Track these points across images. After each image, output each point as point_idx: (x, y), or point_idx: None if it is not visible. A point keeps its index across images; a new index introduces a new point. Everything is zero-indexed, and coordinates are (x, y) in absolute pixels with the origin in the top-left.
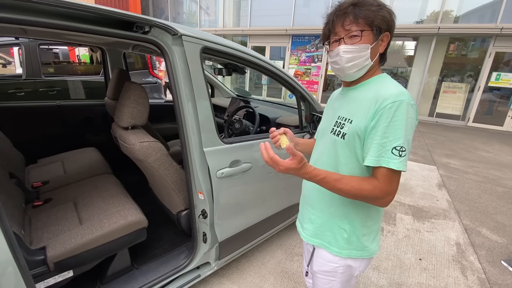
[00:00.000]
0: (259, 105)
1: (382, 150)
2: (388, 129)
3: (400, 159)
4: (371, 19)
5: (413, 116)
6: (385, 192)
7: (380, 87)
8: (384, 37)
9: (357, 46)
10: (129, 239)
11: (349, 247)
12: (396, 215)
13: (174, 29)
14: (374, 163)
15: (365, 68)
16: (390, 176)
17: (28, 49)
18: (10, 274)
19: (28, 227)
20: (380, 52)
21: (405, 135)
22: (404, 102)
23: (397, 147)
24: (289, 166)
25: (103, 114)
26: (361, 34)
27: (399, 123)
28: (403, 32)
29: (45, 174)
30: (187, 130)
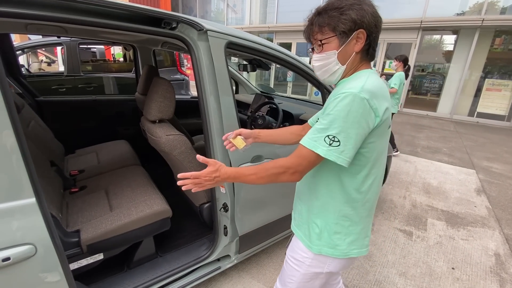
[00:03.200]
0: (283, 102)
1: (317, 134)
2: (327, 116)
3: (329, 148)
4: (333, 26)
5: (359, 110)
6: (288, 165)
7: (349, 82)
8: (358, 35)
9: (323, 54)
10: (154, 227)
11: (320, 243)
12: (427, 220)
13: (199, 24)
14: (306, 143)
15: (338, 72)
16: (303, 154)
17: (69, 48)
18: (47, 252)
19: (65, 211)
20: (356, 51)
21: (343, 126)
22: (350, 94)
23: (330, 135)
24: (209, 172)
25: (134, 109)
26: (326, 42)
27: (339, 113)
28: (441, 25)
29: (81, 163)
30: (211, 125)
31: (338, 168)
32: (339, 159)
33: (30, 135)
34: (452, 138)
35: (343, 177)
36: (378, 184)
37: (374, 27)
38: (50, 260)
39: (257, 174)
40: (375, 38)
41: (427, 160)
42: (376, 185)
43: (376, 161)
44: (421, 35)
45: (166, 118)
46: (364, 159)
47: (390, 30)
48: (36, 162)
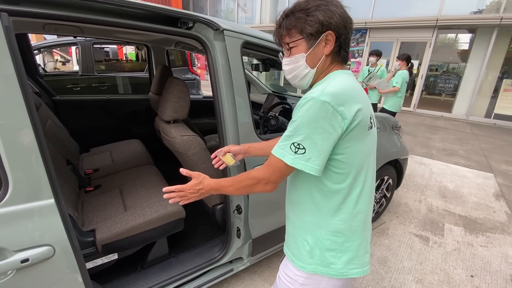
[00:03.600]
0: (295, 102)
1: (284, 142)
2: (292, 124)
3: (295, 156)
4: (299, 28)
5: (321, 115)
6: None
7: (315, 87)
8: (327, 37)
9: (292, 58)
10: (168, 228)
11: (313, 262)
12: (445, 225)
13: (216, 24)
14: (275, 152)
15: (308, 76)
16: (274, 164)
17: (84, 48)
18: (64, 253)
19: (80, 210)
20: (326, 54)
21: (307, 133)
22: (311, 99)
23: (295, 143)
24: (193, 185)
25: (147, 108)
26: (294, 45)
27: (302, 120)
28: (458, 23)
29: (95, 162)
30: (225, 125)
31: (319, 178)
32: (307, 167)
33: (48, 134)
34: (468, 140)
35: (327, 187)
36: (369, 193)
37: (343, 28)
38: (68, 261)
39: (234, 186)
40: (345, 40)
41: (443, 162)
42: (367, 194)
43: (361, 167)
44: (436, 34)
45: (180, 119)
46: (345, 166)
47: (403, 28)
48: (53, 161)
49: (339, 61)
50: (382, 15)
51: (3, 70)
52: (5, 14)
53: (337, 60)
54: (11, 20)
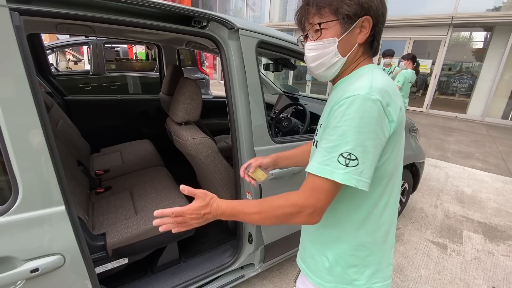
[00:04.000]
0: (308, 103)
1: (327, 156)
2: (335, 130)
3: (346, 170)
4: (335, 7)
5: (373, 115)
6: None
7: (352, 82)
8: (363, 24)
9: (320, 42)
10: (179, 233)
11: (333, 280)
12: (463, 232)
13: (231, 22)
14: (316, 170)
15: (336, 65)
16: (320, 185)
17: (95, 47)
18: (75, 262)
19: (91, 212)
20: (359, 42)
21: (358, 138)
22: (358, 97)
23: (344, 153)
24: (197, 208)
25: (157, 109)
26: (325, 26)
27: (349, 123)
28: (474, 21)
29: (106, 163)
30: (239, 128)
31: (346, 188)
32: (360, 182)
33: (59, 135)
34: (485, 142)
35: (354, 199)
36: (395, 201)
37: (381, 15)
38: (78, 270)
39: (262, 214)
40: (380, 30)
41: (459, 166)
42: (393, 203)
43: (393, 175)
44: (451, 32)
45: (192, 120)
46: (380, 175)
47: (416, 27)
48: (64, 163)
49: (369, 54)
50: (394, 13)
51: (13, 71)
52: (16, 13)
53: (368, 52)
54: (22, 19)
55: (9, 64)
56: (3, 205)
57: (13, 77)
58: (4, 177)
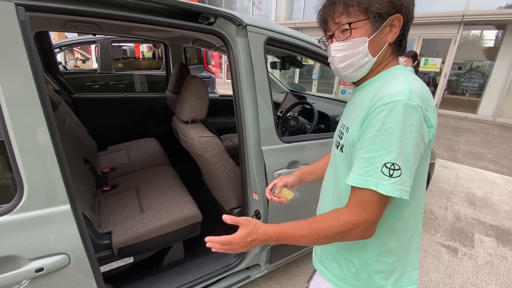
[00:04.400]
0: (315, 102)
1: (370, 166)
2: (376, 139)
3: (391, 181)
4: (365, 5)
5: (415, 123)
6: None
7: (384, 84)
8: (393, 22)
9: (349, 42)
10: (184, 232)
11: (359, 284)
12: (474, 235)
13: (239, 19)
14: (358, 183)
15: (366, 66)
16: (369, 199)
17: (102, 46)
18: (80, 261)
19: (97, 210)
20: (389, 41)
21: (400, 147)
22: (399, 104)
23: (387, 163)
24: (243, 236)
25: (163, 107)
26: (354, 26)
27: (391, 131)
28: (486, 19)
29: (112, 161)
30: (246, 127)
31: None
32: (404, 192)
33: (66, 133)
34: (496, 143)
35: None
36: (421, 205)
37: (411, 14)
38: (83, 270)
39: (312, 236)
40: (408, 28)
41: (470, 167)
42: (420, 207)
43: (422, 179)
44: (462, 30)
45: (199, 119)
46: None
47: (426, 25)
48: (71, 160)
49: (397, 54)
50: None
51: (18, 67)
52: (22, 8)
53: (396, 52)
54: (28, 15)
55: (14, 59)
56: (8, 204)
57: (19, 74)
58: (9, 176)
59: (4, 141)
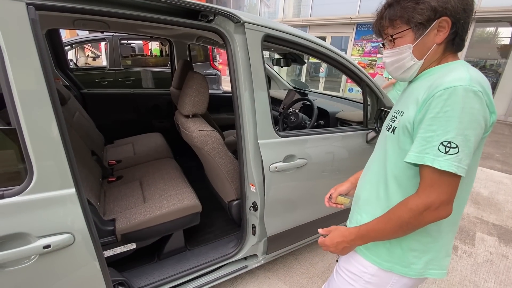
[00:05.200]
0: (317, 98)
1: (427, 145)
2: (435, 120)
3: (446, 157)
4: (406, 18)
5: (475, 106)
6: (427, 201)
7: (444, 74)
8: (440, 24)
9: (396, 50)
10: (184, 221)
11: (392, 260)
12: (476, 234)
13: (236, 16)
14: (415, 159)
15: (413, 68)
16: (435, 178)
17: (111, 43)
18: (84, 241)
19: (103, 199)
20: (437, 43)
21: (459, 128)
22: (459, 88)
23: (444, 142)
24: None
25: (168, 103)
26: (398, 36)
27: (451, 113)
28: (499, 16)
29: (118, 154)
30: (243, 121)
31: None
32: (459, 169)
33: (75, 125)
34: (506, 143)
35: None
36: (467, 192)
37: (462, 12)
38: (87, 249)
39: (390, 226)
40: (463, 25)
41: None
42: (466, 194)
43: (473, 167)
44: (473, 27)
45: (199, 113)
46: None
47: None
48: (79, 152)
49: (452, 50)
50: None
51: (29, 63)
52: (32, 7)
53: (450, 49)
54: (38, 13)
55: (25, 56)
56: (19, 186)
57: (29, 69)
58: (20, 161)
59: (16, 129)
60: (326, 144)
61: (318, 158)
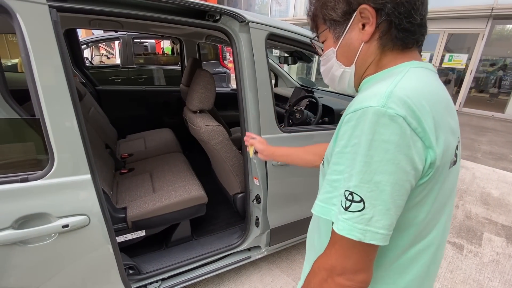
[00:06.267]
0: (324, 96)
1: (333, 192)
2: (341, 157)
3: (347, 216)
4: (321, 17)
5: (391, 139)
6: (328, 263)
7: (370, 87)
8: (363, 16)
9: (324, 57)
10: (191, 211)
11: None
12: (483, 234)
13: (241, 16)
14: (320, 211)
15: (345, 77)
16: (343, 241)
17: (125, 42)
18: (98, 223)
19: (115, 189)
20: (364, 40)
21: (364, 172)
22: (368, 111)
23: (346, 191)
24: None
25: (178, 99)
26: (322, 39)
27: (356, 148)
28: None
29: (130, 147)
30: (247, 116)
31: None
32: (368, 234)
33: (90, 120)
34: None
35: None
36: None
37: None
38: (101, 231)
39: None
40: (396, 8)
41: (488, 167)
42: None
43: (427, 225)
44: (491, 25)
45: (206, 109)
46: (404, 222)
47: (451, 19)
48: (94, 144)
49: (396, 48)
50: None
51: (51, 61)
52: (54, 9)
53: (389, 45)
54: (59, 15)
55: (48, 54)
56: (42, 171)
57: (51, 66)
58: (43, 148)
59: (40, 119)
60: (329, 140)
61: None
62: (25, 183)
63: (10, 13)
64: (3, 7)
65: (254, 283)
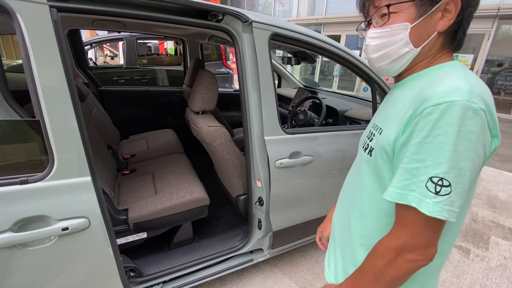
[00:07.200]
0: (327, 97)
1: (412, 179)
2: (422, 147)
3: (437, 199)
4: None
5: (475, 130)
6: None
7: (435, 81)
8: (447, 7)
9: (387, 28)
10: (193, 213)
11: None
12: (490, 238)
13: (244, 15)
14: (396, 197)
15: (405, 58)
16: (418, 222)
17: (128, 43)
18: (98, 226)
19: (117, 190)
20: (439, 30)
21: (453, 159)
22: (455, 105)
23: (434, 177)
24: None
25: (181, 100)
26: (395, 9)
27: (443, 138)
28: None
29: (133, 148)
30: (250, 118)
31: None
32: (451, 214)
33: (93, 121)
34: None
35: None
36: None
37: None
38: (101, 234)
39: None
40: (469, 16)
41: (495, 169)
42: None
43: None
44: (497, 25)
45: (208, 110)
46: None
47: None
48: (96, 145)
49: (450, 48)
50: None
51: (51, 61)
52: (55, 10)
53: (448, 45)
54: (60, 15)
55: (48, 54)
56: (42, 173)
57: (52, 67)
58: (43, 150)
59: (40, 121)
60: (333, 142)
61: (325, 155)
62: (25, 185)
63: (10, 13)
64: (3, 7)
65: (257, 286)
